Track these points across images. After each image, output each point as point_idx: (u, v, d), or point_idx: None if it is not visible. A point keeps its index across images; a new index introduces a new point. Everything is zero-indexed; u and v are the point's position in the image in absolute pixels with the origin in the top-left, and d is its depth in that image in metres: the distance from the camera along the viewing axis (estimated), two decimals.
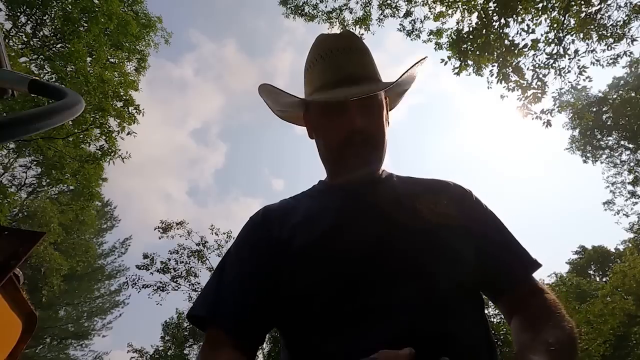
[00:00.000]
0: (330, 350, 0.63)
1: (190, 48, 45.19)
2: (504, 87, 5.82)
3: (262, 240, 0.79)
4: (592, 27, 5.95)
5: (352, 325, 0.64)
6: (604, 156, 17.14)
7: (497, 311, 12.50)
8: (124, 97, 8.97)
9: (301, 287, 0.71)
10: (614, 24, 6.11)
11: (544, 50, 5.90)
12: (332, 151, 0.85)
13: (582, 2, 5.74)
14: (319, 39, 0.91)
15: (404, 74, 0.85)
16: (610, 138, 16.77)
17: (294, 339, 0.71)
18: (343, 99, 0.79)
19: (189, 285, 14.70)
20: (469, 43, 5.93)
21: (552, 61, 5.91)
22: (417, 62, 0.89)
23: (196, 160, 41.37)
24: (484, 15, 5.75)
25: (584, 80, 6.05)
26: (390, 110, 1.01)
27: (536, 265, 0.80)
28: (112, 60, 9.67)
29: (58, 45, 9.09)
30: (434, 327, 0.62)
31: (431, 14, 6.99)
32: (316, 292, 0.69)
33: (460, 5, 6.55)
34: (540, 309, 0.71)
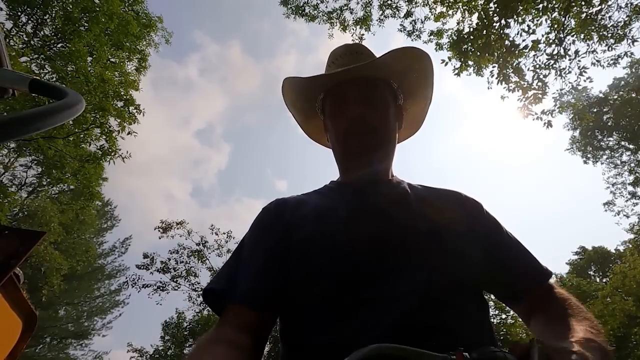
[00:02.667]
0: (324, 342, 0.64)
1: (195, 49, 45.44)
2: (505, 87, 5.82)
3: (275, 225, 0.83)
4: (592, 27, 5.95)
5: (349, 316, 0.64)
6: (605, 157, 17.13)
7: (495, 311, 12.50)
8: (125, 97, 8.97)
9: (301, 277, 0.73)
10: (615, 25, 6.10)
11: (545, 50, 5.90)
12: (340, 141, 0.90)
13: (583, 3, 5.74)
14: (331, 52, 1.00)
15: (389, 52, 0.87)
16: (611, 139, 16.77)
17: (292, 328, 0.73)
18: (340, 71, 0.86)
19: (189, 285, 14.71)
20: (470, 44, 5.92)
21: (552, 62, 5.91)
22: (406, 48, 0.89)
23: (200, 161, 41.53)
24: (484, 16, 5.75)
25: (585, 80, 6.06)
26: (413, 130, 1.07)
27: (549, 273, 0.83)
28: (112, 60, 9.67)
29: (59, 45, 9.09)
30: (431, 319, 0.63)
31: (432, 14, 6.99)
32: (316, 283, 0.70)
33: (460, 6, 6.55)
34: (562, 306, 0.73)
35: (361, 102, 0.86)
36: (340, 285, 0.68)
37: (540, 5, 5.66)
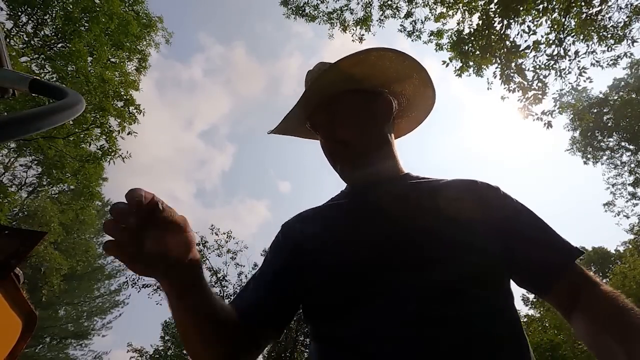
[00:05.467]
0: (349, 335, 0.67)
1: (199, 50, 45.60)
2: (505, 88, 5.82)
3: (285, 243, 0.89)
4: (592, 28, 5.95)
5: (362, 313, 0.67)
6: (605, 157, 17.13)
7: None
8: (125, 97, 8.98)
9: (317, 284, 0.76)
10: (615, 25, 6.11)
11: (545, 51, 5.90)
12: (330, 162, 0.94)
13: (583, 3, 5.74)
14: (305, 77, 1.01)
15: (342, 58, 0.84)
16: (611, 139, 16.76)
17: (318, 326, 0.76)
18: (298, 107, 0.89)
19: None
20: (470, 44, 5.93)
21: (552, 62, 5.91)
22: (372, 49, 0.85)
23: (203, 162, 41.62)
24: (485, 17, 5.75)
25: (585, 81, 6.05)
26: (417, 123, 1.06)
27: (576, 253, 0.76)
28: (112, 60, 9.67)
29: (59, 45, 9.09)
30: (445, 310, 0.64)
31: (432, 15, 6.99)
32: (331, 287, 0.74)
33: (460, 7, 6.55)
34: (606, 307, 0.68)
35: (340, 123, 0.88)
36: (351, 286, 0.71)
37: (541, 6, 5.66)
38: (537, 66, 5.82)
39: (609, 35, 6.09)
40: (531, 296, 16.09)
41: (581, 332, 0.70)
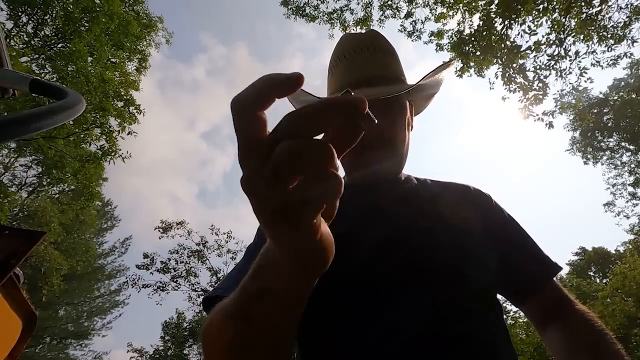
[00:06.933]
0: (346, 349, 0.61)
1: (201, 51, 45.70)
2: (506, 88, 5.81)
3: None
4: (592, 28, 5.95)
5: (363, 328, 0.62)
6: (605, 157, 17.13)
7: None
8: (125, 97, 8.98)
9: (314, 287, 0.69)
10: (615, 26, 6.10)
11: (545, 51, 5.90)
12: (351, 152, 0.83)
13: (583, 3, 5.74)
14: (342, 38, 0.90)
15: (423, 78, 0.82)
16: (611, 139, 16.77)
17: (310, 336, 0.68)
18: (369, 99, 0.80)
19: (189, 285, 14.71)
20: (471, 45, 5.93)
21: (553, 62, 5.91)
22: (440, 67, 0.85)
23: (205, 162, 41.68)
24: (485, 17, 5.75)
25: (585, 81, 6.04)
26: (416, 114, 1.01)
27: (557, 268, 0.80)
28: (113, 60, 9.68)
29: (59, 45, 9.10)
30: (455, 328, 0.61)
31: (432, 15, 6.99)
32: (329, 292, 0.66)
33: (461, 7, 6.55)
34: (586, 331, 0.71)
35: (380, 116, 0.78)
36: (352, 296, 0.65)
37: (541, 6, 5.66)
38: (538, 66, 5.82)
39: (609, 35, 6.09)
40: None
41: (556, 348, 0.72)
